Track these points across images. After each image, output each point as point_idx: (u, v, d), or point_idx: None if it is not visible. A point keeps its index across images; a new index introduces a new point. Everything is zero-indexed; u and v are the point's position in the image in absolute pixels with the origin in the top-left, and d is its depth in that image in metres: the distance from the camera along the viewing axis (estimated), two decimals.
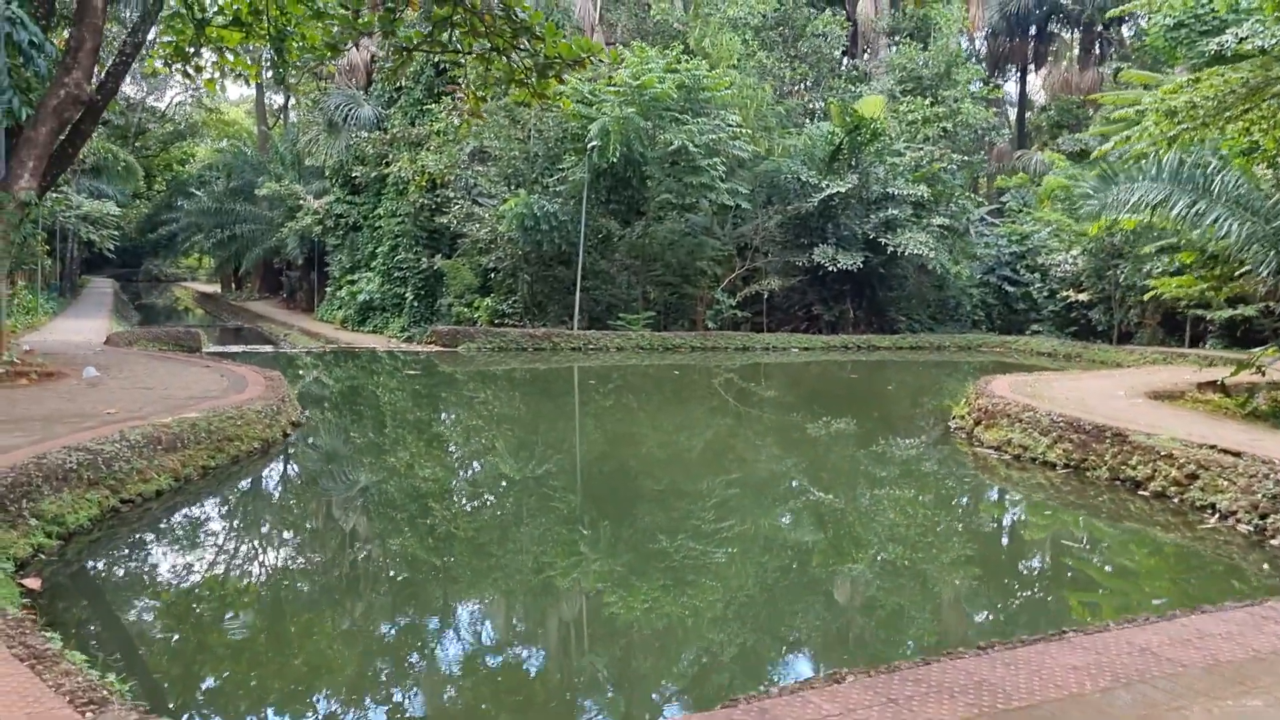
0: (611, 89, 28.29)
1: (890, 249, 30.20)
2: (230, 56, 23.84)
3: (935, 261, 30.35)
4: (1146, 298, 24.93)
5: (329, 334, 36.52)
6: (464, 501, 11.47)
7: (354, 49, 45.83)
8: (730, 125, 29.27)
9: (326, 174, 44.68)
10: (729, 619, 7.62)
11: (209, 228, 53.66)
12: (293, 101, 61.13)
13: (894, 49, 39.98)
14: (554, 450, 14.31)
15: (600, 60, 15.56)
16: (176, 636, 6.86)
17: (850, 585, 8.65)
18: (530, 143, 31.50)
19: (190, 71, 26.95)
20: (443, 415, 18.10)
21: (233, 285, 63.67)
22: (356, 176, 40.10)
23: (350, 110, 41.72)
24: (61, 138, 15.47)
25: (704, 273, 31.36)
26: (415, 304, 35.67)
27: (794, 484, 12.54)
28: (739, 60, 32.48)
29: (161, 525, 9.64)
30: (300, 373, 21.62)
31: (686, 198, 29.97)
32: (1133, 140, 16.56)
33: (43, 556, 7.91)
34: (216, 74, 24.79)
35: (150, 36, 21.39)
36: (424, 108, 37.37)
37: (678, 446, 15.22)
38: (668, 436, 16.05)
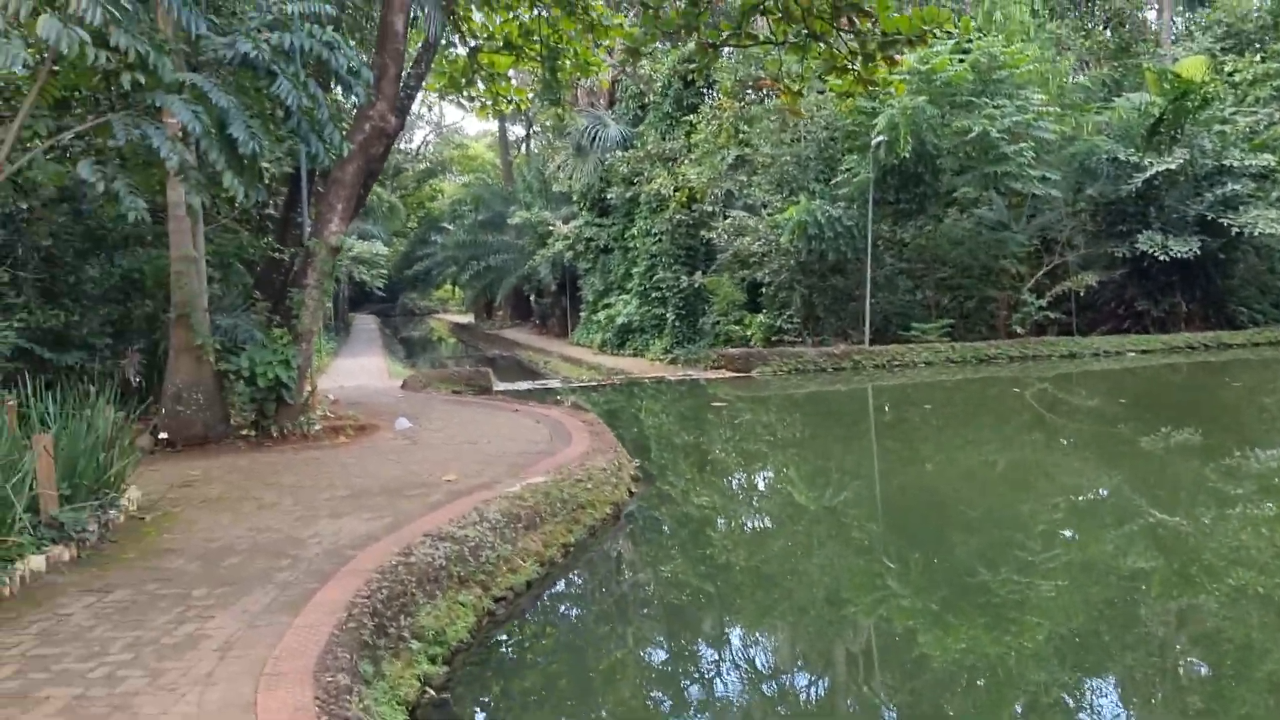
0: (895, 77, 25.62)
1: (1234, 230, 25.98)
2: (501, 83, 22.60)
3: None
4: None
5: (589, 359, 35.67)
6: (888, 557, 9.28)
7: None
8: (1034, 105, 25.98)
9: (574, 198, 44.23)
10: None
11: (463, 260, 54.53)
12: (534, 129, 61.51)
13: (1200, 6, 35.20)
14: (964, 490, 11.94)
15: (948, 32, 12.90)
16: None
17: None
18: (801, 145, 29.26)
19: (464, 102, 25.62)
20: (791, 451, 15.97)
21: (485, 314, 64.70)
22: (608, 198, 39.28)
23: (597, 132, 41.11)
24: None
25: (1005, 272, 28.09)
26: (677, 324, 34.25)
27: None
28: (1029, 32, 29.07)
29: (548, 630, 7.93)
30: (602, 411, 20.13)
31: (987, 190, 26.95)
32: None
33: (431, 693, 6.25)
34: (489, 101, 23.66)
35: None
36: (674, 120, 36.10)
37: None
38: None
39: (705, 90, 37.95)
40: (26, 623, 6.01)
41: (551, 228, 45.87)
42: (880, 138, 25.69)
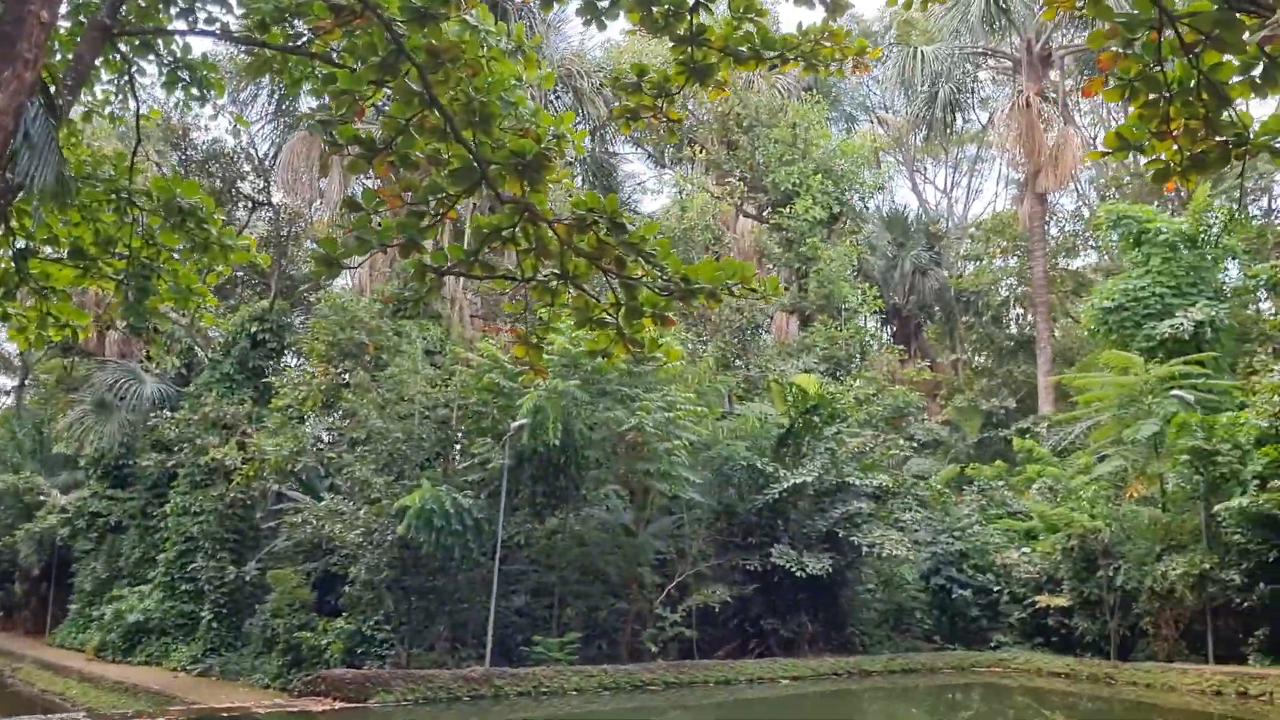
0: (547, 356, 22.89)
1: (862, 549, 25.45)
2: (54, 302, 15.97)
3: (907, 563, 25.98)
4: None
5: (82, 667, 27.88)
6: None
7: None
8: (684, 403, 24.33)
9: (82, 463, 36.05)
10: None
11: None
12: (29, 377, 51.02)
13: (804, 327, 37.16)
14: None
15: (752, 289, 9.55)
16: None
17: None
18: (415, 421, 25.13)
19: None
20: None
21: None
22: (127, 466, 32.88)
23: (127, 387, 34.48)
24: None
25: (640, 582, 25.18)
26: (215, 625, 27.64)
27: None
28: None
29: None
30: None
31: (603, 487, 24.58)
32: None
33: None
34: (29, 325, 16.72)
35: None
36: (234, 383, 30.99)
37: None
38: None
39: (278, 352, 33.29)
40: None
41: (44, 497, 37.06)
42: (522, 421, 22.46)
